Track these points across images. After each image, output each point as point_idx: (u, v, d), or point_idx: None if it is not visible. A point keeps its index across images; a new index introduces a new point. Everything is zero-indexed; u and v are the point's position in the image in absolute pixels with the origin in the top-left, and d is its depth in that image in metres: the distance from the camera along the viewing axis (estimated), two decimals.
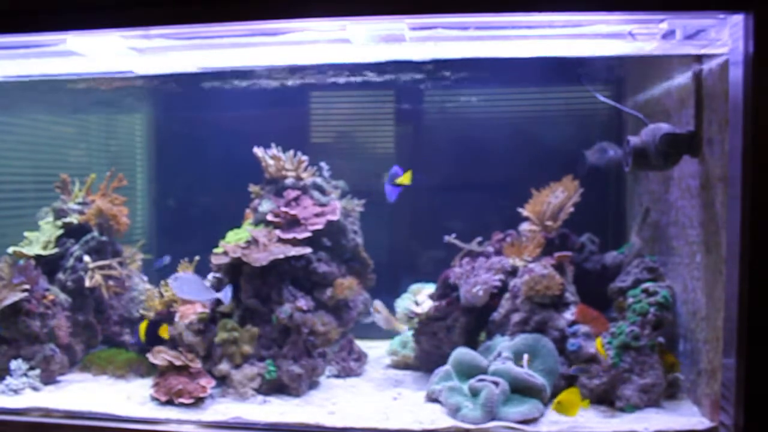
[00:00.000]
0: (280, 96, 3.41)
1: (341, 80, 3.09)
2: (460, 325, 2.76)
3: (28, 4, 2.07)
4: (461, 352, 2.58)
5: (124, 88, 3.31)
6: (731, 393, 1.95)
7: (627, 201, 3.33)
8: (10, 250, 2.98)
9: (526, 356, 2.44)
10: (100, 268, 3.00)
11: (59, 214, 3.16)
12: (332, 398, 2.58)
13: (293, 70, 2.92)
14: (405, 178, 2.66)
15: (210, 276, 2.84)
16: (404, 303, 3.11)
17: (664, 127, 2.35)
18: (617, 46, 2.28)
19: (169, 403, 2.45)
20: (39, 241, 3.06)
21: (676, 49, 2.25)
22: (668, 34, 2.16)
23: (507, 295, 2.71)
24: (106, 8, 2.04)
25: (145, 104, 3.98)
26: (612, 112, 3.27)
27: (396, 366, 2.99)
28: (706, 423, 2.18)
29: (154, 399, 2.48)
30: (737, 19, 1.90)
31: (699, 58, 2.29)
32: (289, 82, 3.12)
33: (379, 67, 2.82)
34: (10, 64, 2.54)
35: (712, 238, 2.19)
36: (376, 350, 3.12)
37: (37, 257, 2.97)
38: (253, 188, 3.13)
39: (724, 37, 2.01)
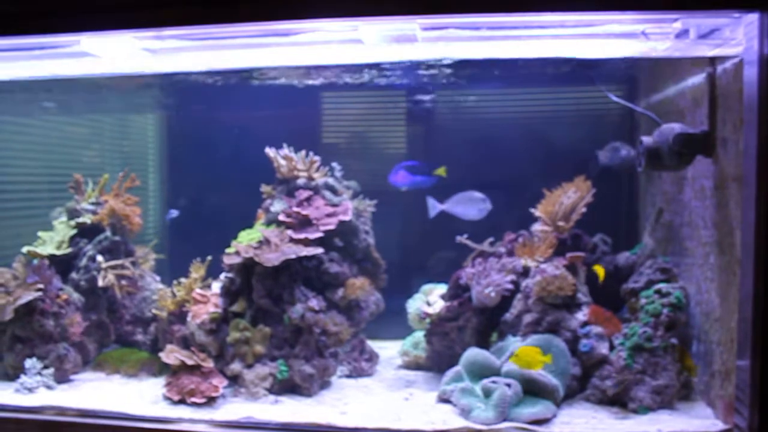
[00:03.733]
0: (292, 96, 3.42)
1: (353, 80, 3.09)
2: (471, 326, 2.75)
3: (39, 6, 2.09)
4: (473, 353, 2.58)
5: (137, 88, 3.33)
6: (746, 395, 1.93)
7: (640, 201, 3.31)
8: (25, 249, 3.00)
9: None
10: (113, 267, 3.01)
11: (73, 214, 3.19)
12: (344, 398, 2.58)
13: (305, 70, 2.93)
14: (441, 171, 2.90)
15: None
16: (416, 303, 3.12)
17: (678, 127, 2.34)
18: (630, 45, 2.27)
19: (182, 402, 2.46)
20: (53, 240, 3.08)
21: (690, 48, 2.23)
22: (682, 34, 2.15)
23: (519, 296, 2.70)
24: (119, 9, 2.06)
25: (158, 104, 4.00)
26: (625, 112, 3.26)
27: (408, 366, 2.98)
28: (720, 425, 2.16)
29: (166, 398, 2.49)
30: (752, 18, 1.89)
31: (713, 58, 2.27)
32: (301, 83, 3.12)
33: (390, 67, 2.82)
34: (25, 65, 2.56)
35: (726, 238, 2.18)
36: (387, 350, 3.12)
37: (51, 257, 2.99)
38: (265, 188, 3.14)
39: (739, 36, 2.00)
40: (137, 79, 2.94)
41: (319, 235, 2.82)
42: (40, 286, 2.79)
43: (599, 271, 2.68)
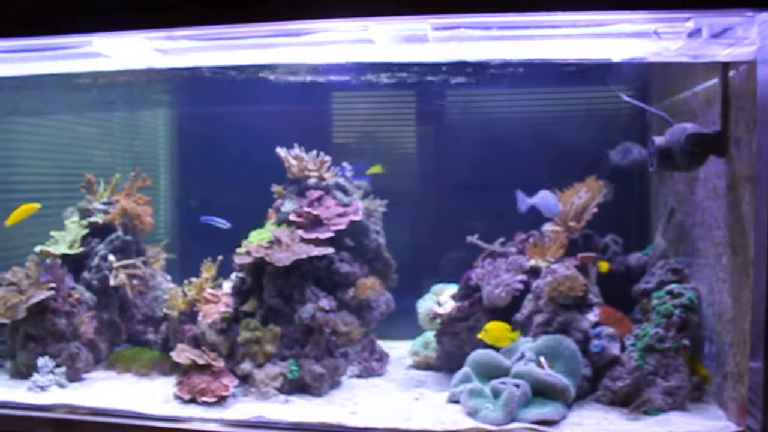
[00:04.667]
0: (302, 96, 3.42)
1: (364, 80, 3.09)
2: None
3: (52, 7, 2.10)
4: (481, 353, 2.57)
5: (147, 87, 3.35)
6: (758, 397, 1.92)
7: (651, 201, 3.30)
8: (37, 249, 3.02)
9: (542, 359, 2.42)
10: (125, 267, 3.03)
11: (84, 213, 3.20)
12: (354, 398, 2.58)
13: (316, 70, 2.93)
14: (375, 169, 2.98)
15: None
16: (426, 303, 3.11)
17: (690, 126, 2.32)
18: (642, 45, 2.25)
19: (192, 401, 2.46)
20: (65, 240, 3.10)
21: (703, 47, 2.22)
22: (694, 33, 2.13)
23: (530, 296, 2.69)
24: (130, 11, 2.06)
25: (168, 104, 4.01)
26: (636, 112, 3.24)
27: (418, 366, 2.98)
28: (733, 427, 2.15)
29: (177, 397, 2.50)
30: (766, 17, 1.87)
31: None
32: (312, 82, 3.13)
33: (401, 67, 2.82)
34: (38, 66, 2.57)
35: (739, 239, 2.16)
36: (398, 350, 3.12)
37: (63, 256, 3.01)
38: (275, 188, 3.14)
39: (752, 35, 1.98)
40: (148, 75, 2.95)
41: (330, 235, 2.82)
42: (53, 285, 2.81)
43: (603, 266, 2.68)
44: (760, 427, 1.91)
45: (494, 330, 2.50)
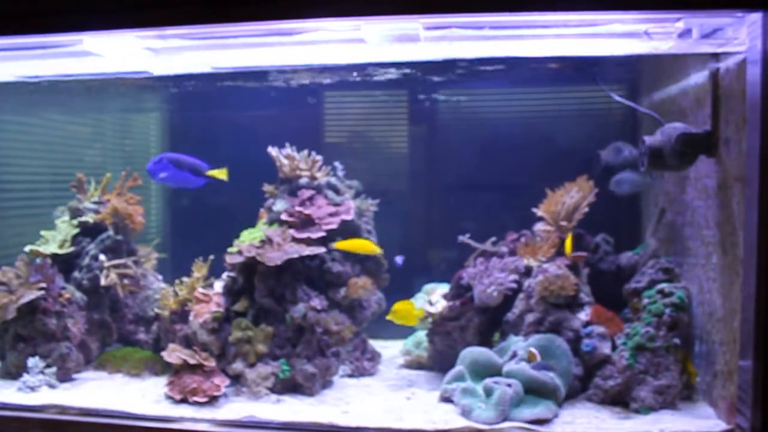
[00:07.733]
0: (294, 96, 3.42)
1: (355, 80, 3.09)
2: (474, 325, 2.75)
3: (42, 6, 2.09)
4: (473, 351, 2.57)
5: (139, 88, 3.33)
6: (748, 395, 1.93)
7: (642, 201, 3.31)
8: (27, 248, 3.00)
9: (534, 350, 2.42)
10: (116, 266, 3.02)
11: (75, 213, 3.19)
12: (346, 398, 2.58)
13: (307, 69, 2.93)
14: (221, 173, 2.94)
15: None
16: (418, 303, 3.11)
17: (680, 126, 2.33)
18: (633, 45, 2.27)
19: (184, 401, 2.46)
20: (55, 240, 3.08)
21: (693, 48, 2.23)
22: (684, 33, 2.14)
23: (521, 296, 2.70)
24: (122, 9, 2.06)
25: (160, 103, 4.00)
26: (627, 111, 3.25)
27: (409, 366, 2.99)
28: (722, 425, 2.16)
29: (168, 397, 2.49)
30: (755, 18, 1.88)
31: (716, 57, 2.27)
32: (304, 82, 3.12)
33: (393, 67, 2.82)
34: (27, 65, 2.56)
35: (729, 238, 2.17)
36: (389, 350, 3.12)
37: (54, 256, 2.99)
38: (267, 188, 3.14)
39: (742, 36, 2.00)
40: (138, 78, 2.94)
41: (322, 234, 2.82)
42: (43, 285, 2.79)
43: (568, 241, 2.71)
44: (750, 426, 1.93)
45: (401, 310, 2.68)
